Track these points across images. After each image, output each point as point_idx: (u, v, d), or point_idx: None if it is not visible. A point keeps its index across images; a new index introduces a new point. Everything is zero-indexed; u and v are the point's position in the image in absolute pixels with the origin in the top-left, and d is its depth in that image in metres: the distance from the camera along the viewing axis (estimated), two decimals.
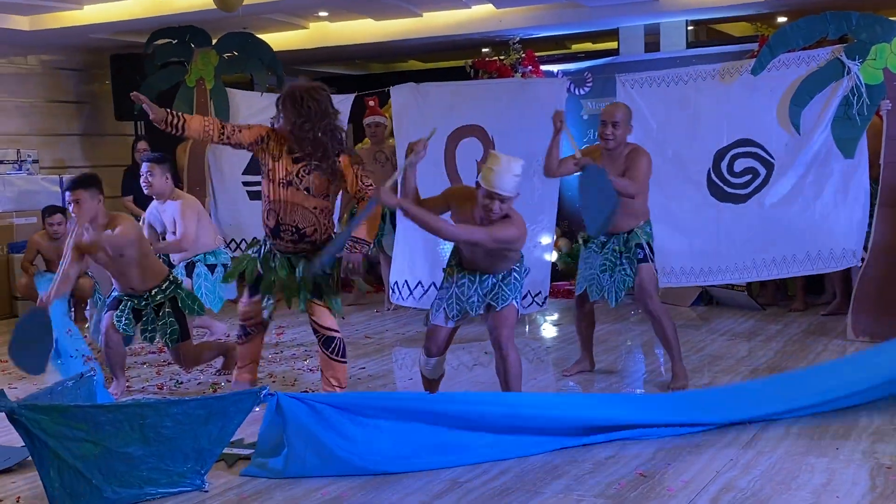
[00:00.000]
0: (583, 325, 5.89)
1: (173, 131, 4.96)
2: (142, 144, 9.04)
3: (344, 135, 5.12)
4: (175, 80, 9.23)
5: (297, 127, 4.91)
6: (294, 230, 4.98)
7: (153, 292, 5.52)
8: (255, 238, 5.55)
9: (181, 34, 9.10)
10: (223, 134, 5.01)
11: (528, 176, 6.93)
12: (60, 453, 3.76)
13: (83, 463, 3.78)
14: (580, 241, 5.78)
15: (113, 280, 5.62)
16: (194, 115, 5.09)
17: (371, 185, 5.01)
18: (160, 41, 9.16)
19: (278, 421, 4.09)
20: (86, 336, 6.60)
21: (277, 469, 4.12)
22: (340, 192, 5.42)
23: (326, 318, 5.08)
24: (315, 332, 5.13)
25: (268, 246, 5.18)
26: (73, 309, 8.47)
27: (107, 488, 3.84)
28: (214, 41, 9.09)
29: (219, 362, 6.09)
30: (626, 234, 5.49)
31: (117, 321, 5.49)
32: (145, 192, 6.64)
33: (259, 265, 5.21)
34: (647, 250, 5.48)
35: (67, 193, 5.41)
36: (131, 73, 9.50)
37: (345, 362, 5.15)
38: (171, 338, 5.54)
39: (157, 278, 5.55)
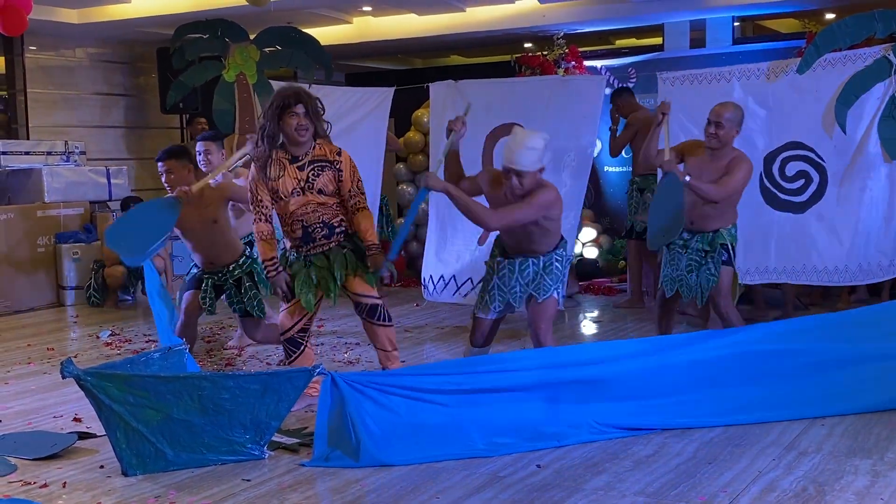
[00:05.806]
0: (664, 323, 5.90)
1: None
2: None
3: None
4: (210, 76, 9.18)
5: (322, 126, 4.88)
6: (322, 225, 4.86)
7: (231, 267, 5.64)
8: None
9: (212, 28, 9.02)
10: (264, 212, 4.93)
11: (557, 171, 6.94)
12: (125, 417, 4.02)
13: (147, 427, 4.04)
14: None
15: (194, 256, 5.72)
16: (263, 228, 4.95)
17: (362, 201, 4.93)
18: (190, 36, 9.14)
19: (333, 403, 4.19)
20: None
21: (341, 459, 4.15)
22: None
23: (364, 286, 4.93)
24: (357, 305, 4.97)
25: (293, 256, 4.99)
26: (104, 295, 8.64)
27: (169, 451, 4.10)
28: (253, 36, 9.06)
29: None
30: (711, 234, 5.54)
31: (202, 300, 5.63)
32: (202, 168, 6.23)
33: (289, 272, 5.00)
34: (731, 253, 5.54)
35: (160, 164, 5.49)
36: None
37: (391, 325, 5.02)
38: (258, 308, 5.67)
39: (235, 253, 5.68)
